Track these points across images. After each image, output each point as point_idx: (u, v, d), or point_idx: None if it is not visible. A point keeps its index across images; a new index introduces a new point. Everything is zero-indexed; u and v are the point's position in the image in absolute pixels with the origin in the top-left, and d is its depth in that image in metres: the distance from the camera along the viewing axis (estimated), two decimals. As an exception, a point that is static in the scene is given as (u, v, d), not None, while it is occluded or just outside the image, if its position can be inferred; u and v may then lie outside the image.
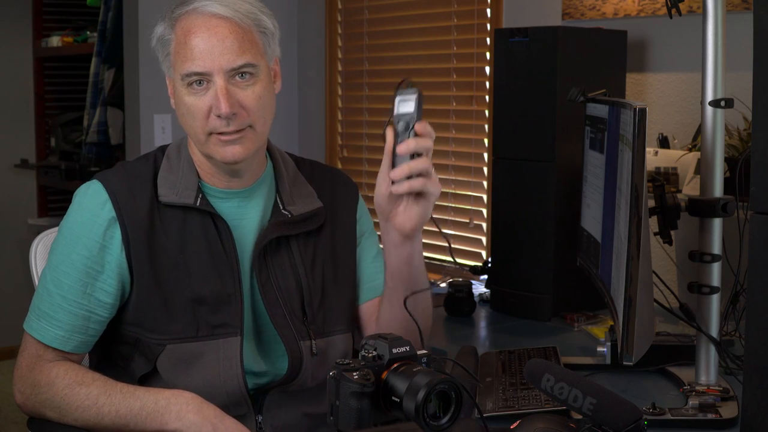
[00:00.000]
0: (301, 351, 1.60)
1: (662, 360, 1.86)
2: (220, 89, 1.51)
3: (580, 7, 2.85)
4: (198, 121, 1.54)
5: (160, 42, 1.58)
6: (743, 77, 1.62)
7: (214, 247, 1.58)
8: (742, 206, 1.55)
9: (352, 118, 3.81)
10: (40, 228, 3.64)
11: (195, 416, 1.44)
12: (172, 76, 1.58)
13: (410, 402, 1.20)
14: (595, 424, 1.23)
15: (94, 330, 1.57)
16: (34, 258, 1.78)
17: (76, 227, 1.57)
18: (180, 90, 1.55)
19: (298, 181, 1.70)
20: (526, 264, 2.44)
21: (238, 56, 1.52)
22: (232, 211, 1.62)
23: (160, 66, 1.62)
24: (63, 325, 1.54)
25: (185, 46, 1.52)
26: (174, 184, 1.59)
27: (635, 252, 1.50)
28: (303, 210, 1.66)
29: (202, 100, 1.53)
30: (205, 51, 1.51)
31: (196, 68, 1.51)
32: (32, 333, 1.56)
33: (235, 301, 1.57)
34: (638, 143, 1.49)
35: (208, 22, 1.52)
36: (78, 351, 1.57)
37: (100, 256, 1.55)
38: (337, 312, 1.67)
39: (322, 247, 1.68)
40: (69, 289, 1.55)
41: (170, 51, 1.56)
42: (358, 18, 3.72)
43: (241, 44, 1.53)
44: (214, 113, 1.52)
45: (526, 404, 1.62)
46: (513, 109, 2.47)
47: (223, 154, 1.55)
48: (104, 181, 1.58)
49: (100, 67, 4.08)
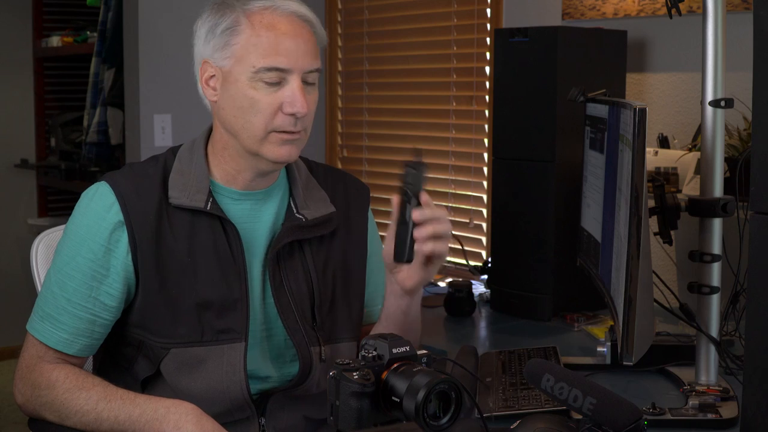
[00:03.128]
0: (311, 356, 1.59)
1: (662, 360, 1.86)
2: (299, 89, 1.52)
3: (580, 7, 2.85)
4: (262, 117, 1.52)
5: (223, 30, 1.54)
6: (743, 77, 1.62)
7: (222, 251, 1.57)
8: (742, 206, 1.55)
9: (352, 118, 3.81)
10: (40, 228, 3.63)
11: (193, 427, 1.43)
12: (228, 67, 1.54)
13: (410, 402, 1.19)
14: (595, 424, 1.23)
15: (98, 333, 1.56)
16: (35, 258, 1.77)
17: (82, 230, 1.56)
18: (243, 83, 1.52)
19: (311, 185, 1.69)
20: (526, 264, 2.44)
21: (314, 59, 1.55)
22: (244, 213, 1.61)
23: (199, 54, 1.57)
24: (67, 327, 1.54)
25: (268, 40, 1.51)
26: (185, 187, 1.57)
27: (635, 252, 1.50)
28: (317, 214, 1.65)
29: (274, 96, 1.52)
30: (290, 49, 1.51)
31: (279, 64, 1.51)
32: (35, 334, 1.55)
33: (242, 306, 1.56)
34: (638, 143, 1.49)
35: (293, 21, 1.53)
36: (81, 354, 1.56)
37: (106, 260, 1.54)
38: (345, 319, 1.67)
39: (334, 253, 1.67)
40: (74, 292, 1.54)
41: (238, 41, 1.52)
42: (358, 18, 3.72)
43: (315, 49, 1.56)
44: (285, 111, 1.52)
45: (526, 404, 1.62)
46: (513, 109, 2.47)
47: (278, 152, 1.54)
48: (112, 183, 1.56)
49: (100, 67, 4.08)
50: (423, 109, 3.49)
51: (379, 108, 3.71)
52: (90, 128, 4.17)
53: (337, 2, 3.79)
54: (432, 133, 3.46)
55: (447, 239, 1.53)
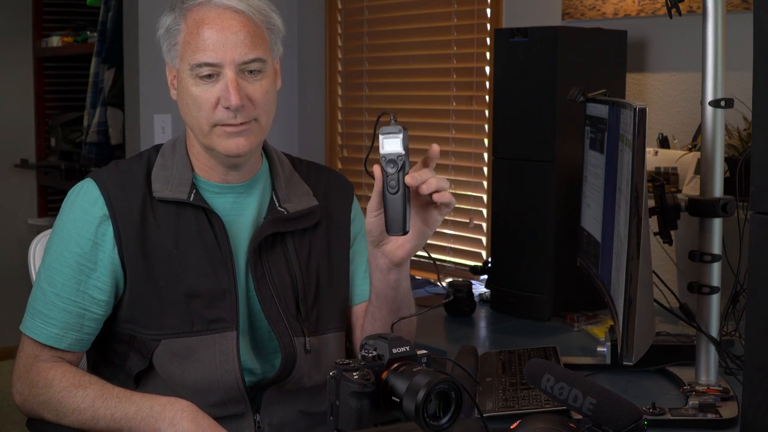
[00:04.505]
0: (294, 347, 1.60)
1: (662, 360, 1.86)
2: (231, 81, 1.52)
3: (580, 7, 2.85)
4: (204, 112, 1.55)
5: (168, 31, 1.58)
6: (743, 77, 1.62)
7: (209, 242, 1.59)
8: (742, 206, 1.55)
9: (352, 118, 3.81)
10: (40, 228, 3.64)
11: (189, 424, 1.44)
12: (177, 66, 1.58)
13: (410, 402, 1.19)
14: (595, 424, 1.23)
15: (89, 328, 1.57)
16: (33, 258, 1.79)
17: (68, 225, 1.58)
18: (186, 80, 1.56)
19: (293, 179, 1.71)
20: (526, 264, 2.44)
21: (249, 50, 1.54)
22: (227, 206, 1.63)
23: (163, 56, 1.62)
24: (57, 322, 1.55)
25: (197, 37, 1.53)
26: (168, 180, 1.60)
27: (635, 252, 1.50)
28: (299, 207, 1.67)
29: (210, 92, 1.54)
30: (218, 43, 1.52)
31: (207, 59, 1.52)
32: (27, 332, 1.57)
33: (230, 296, 1.57)
34: (638, 143, 1.49)
35: (222, 14, 1.54)
36: (73, 349, 1.57)
37: (93, 254, 1.56)
38: (331, 310, 1.68)
39: (317, 246, 1.69)
40: (62, 287, 1.55)
41: (178, 41, 1.56)
42: (358, 18, 3.72)
43: (252, 39, 1.54)
44: (222, 105, 1.53)
45: (526, 404, 1.63)
46: (513, 109, 2.47)
47: (226, 146, 1.56)
48: (96, 179, 1.59)
49: (100, 67, 4.08)
50: (423, 109, 3.49)
51: (379, 108, 3.70)
52: (90, 128, 4.17)
53: (337, 2, 3.79)
54: (432, 133, 3.45)
55: (444, 193, 1.46)
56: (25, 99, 4.86)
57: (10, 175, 4.86)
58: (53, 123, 4.76)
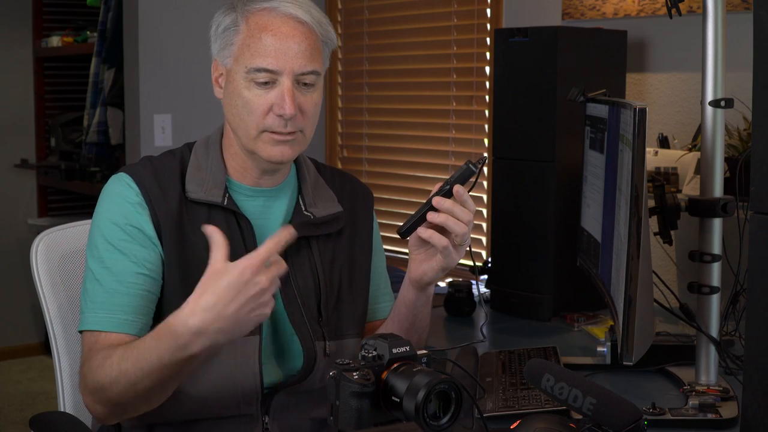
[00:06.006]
0: (315, 351, 1.60)
1: (662, 360, 1.86)
2: (288, 90, 1.53)
3: (580, 7, 2.85)
4: (254, 116, 1.55)
5: (226, 31, 1.58)
6: (743, 77, 1.62)
7: (237, 246, 1.57)
8: (742, 206, 1.55)
9: (352, 118, 3.81)
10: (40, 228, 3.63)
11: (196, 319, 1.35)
12: (229, 66, 1.58)
13: (410, 402, 1.20)
14: (595, 424, 1.23)
15: (151, 311, 1.54)
16: (35, 258, 1.77)
17: (111, 214, 1.56)
18: (239, 82, 1.56)
19: (319, 184, 1.72)
20: (526, 264, 2.44)
21: (308, 62, 1.55)
22: (257, 209, 1.63)
23: (212, 53, 1.61)
24: (125, 308, 1.51)
25: (258, 41, 1.54)
26: (202, 181, 1.60)
27: (635, 252, 1.50)
28: (324, 212, 1.68)
29: (264, 98, 1.54)
30: (279, 50, 1.53)
31: (267, 65, 1.53)
32: (94, 327, 1.51)
33: None
34: (638, 143, 1.49)
35: (286, 22, 1.55)
36: (142, 335, 1.50)
37: (141, 238, 1.54)
38: (350, 316, 1.69)
39: (340, 251, 1.70)
40: (120, 273, 1.52)
41: (235, 41, 1.56)
42: (358, 18, 3.72)
43: (312, 51, 1.56)
44: (275, 112, 1.54)
45: (526, 404, 1.63)
46: (513, 109, 2.47)
47: (271, 152, 1.57)
48: (132, 173, 1.59)
49: (100, 67, 4.08)
50: (423, 109, 3.49)
51: (379, 108, 3.71)
52: (90, 128, 4.17)
53: (337, 2, 3.79)
54: (432, 133, 3.46)
55: (457, 237, 1.55)
56: (25, 99, 4.86)
57: (10, 175, 4.87)
58: (53, 123, 4.76)
